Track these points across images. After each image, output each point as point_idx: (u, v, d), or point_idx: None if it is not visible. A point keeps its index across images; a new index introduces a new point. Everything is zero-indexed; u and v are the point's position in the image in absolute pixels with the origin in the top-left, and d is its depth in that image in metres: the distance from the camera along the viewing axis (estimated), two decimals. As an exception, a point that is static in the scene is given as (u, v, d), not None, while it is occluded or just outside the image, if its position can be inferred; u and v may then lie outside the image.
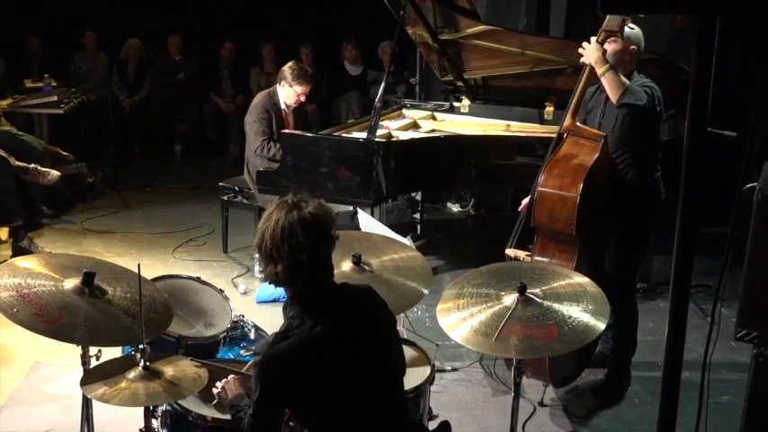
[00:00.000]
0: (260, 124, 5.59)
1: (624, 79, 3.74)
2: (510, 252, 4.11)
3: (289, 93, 5.62)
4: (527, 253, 4.01)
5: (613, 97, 3.74)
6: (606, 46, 3.81)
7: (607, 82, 3.75)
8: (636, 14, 3.66)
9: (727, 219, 2.69)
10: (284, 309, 2.42)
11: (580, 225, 3.75)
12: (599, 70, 3.76)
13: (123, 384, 2.63)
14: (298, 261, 2.32)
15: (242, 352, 3.33)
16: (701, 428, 2.59)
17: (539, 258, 3.93)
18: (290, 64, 5.69)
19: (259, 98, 5.73)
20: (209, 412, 2.77)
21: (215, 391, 2.72)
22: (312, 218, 2.34)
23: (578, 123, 3.98)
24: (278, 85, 5.68)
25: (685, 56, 4.32)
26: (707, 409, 2.79)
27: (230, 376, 2.71)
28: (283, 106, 5.70)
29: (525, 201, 4.10)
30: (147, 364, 2.69)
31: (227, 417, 2.60)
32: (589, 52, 3.82)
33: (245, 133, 5.77)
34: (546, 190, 3.85)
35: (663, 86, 3.87)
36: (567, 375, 4.09)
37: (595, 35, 3.88)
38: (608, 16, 3.75)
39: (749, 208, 2.77)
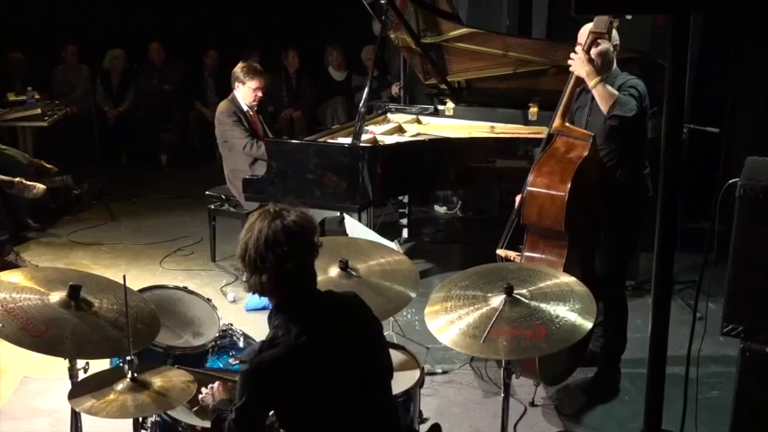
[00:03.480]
0: (237, 126, 5.66)
1: (613, 90, 3.79)
2: (501, 252, 4.13)
3: (245, 91, 5.69)
4: (517, 253, 4.03)
5: (604, 108, 3.80)
6: (593, 48, 3.85)
7: (597, 94, 3.81)
8: (612, 15, 3.69)
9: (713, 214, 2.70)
10: (269, 318, 2.41)
11: (569, 222, 3.77)
12: (590, 83, 3.82)
13: (111, 396, 2.62)
14: (282, 271, 2.32)
15: (231, 360, 3.30)
16: (691, 422, 2.60)
17: (529, 255, 3.95)
18: (239, 65, 5.80)
19: (222, 107, 5.77)
20: (199, 422, 2.76)
21: (199, 396, 2.71)
22: (295, 226, 2.34)
23: (567, 124, 4.01)
24: (234, 90, 5.75)
25: (667, 54, 4.35)
26: (696, 404, 2.81)
27: (216, 382, 2.71)
28: (246, 108, 5.74)
29: (519, 197, 4.13)
30: (135, 375, 2.68)
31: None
32: (579, 65, 3.84)
33: (221, 143, 5.80)
34: (535, 188, 3.88)
35: (645, 85, 3.90)
36: (560, 373, 4.10)
37: (576, 36, 3.91)
38: (595, 18, 3.79)
39: (733, 203, 2.79)
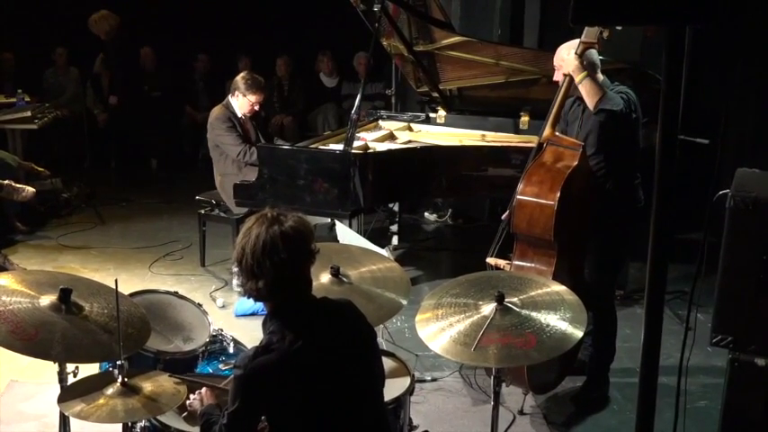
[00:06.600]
0: (231, 132, 5.66)
1: (600, 85, 3.80)
2: (491, 261, 4.14)
3: (243, 102, 5.69)
4: (507, 262, 4.04)
5: (591, 103, 3.80)
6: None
7: (585, 89, 3.81)
8: (607, 26, 3.71)
9: (702, 225, 2.72)
10: (264, 323, 2.41)
11: (558, 231, 3.78)
12: (577, 78, 3.82)
13: (101, 401, 2.61)
14: (279, 277, 2.32)
15: (221, 366, 3.31)
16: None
17: (518, 263, 3.96)
18: (242, 74, 5.79)
19: (217, 112, 5.76)
20: (189, 427, 2.75)
21: (187, 402, 2.71)
22: (293, 232, 2.33)
23: (557, 133, 4.02)
24: (231, 96, 5.75)
25: (657, 65, 4.37)
26: (684, 414, 2.82)
27: (203, 388, 2.70)
28: (240, 115, 5.75)
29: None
30: (125, 380, 2.67)
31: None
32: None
33: (212, 148, 5.79)
34: (525, 197, 3.89)
35: (635, 95, 3.92)
36: (549, 382, 4.11)
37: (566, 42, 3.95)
38: (586, 28, 3.81)
39: (723, 214, 2.81)
